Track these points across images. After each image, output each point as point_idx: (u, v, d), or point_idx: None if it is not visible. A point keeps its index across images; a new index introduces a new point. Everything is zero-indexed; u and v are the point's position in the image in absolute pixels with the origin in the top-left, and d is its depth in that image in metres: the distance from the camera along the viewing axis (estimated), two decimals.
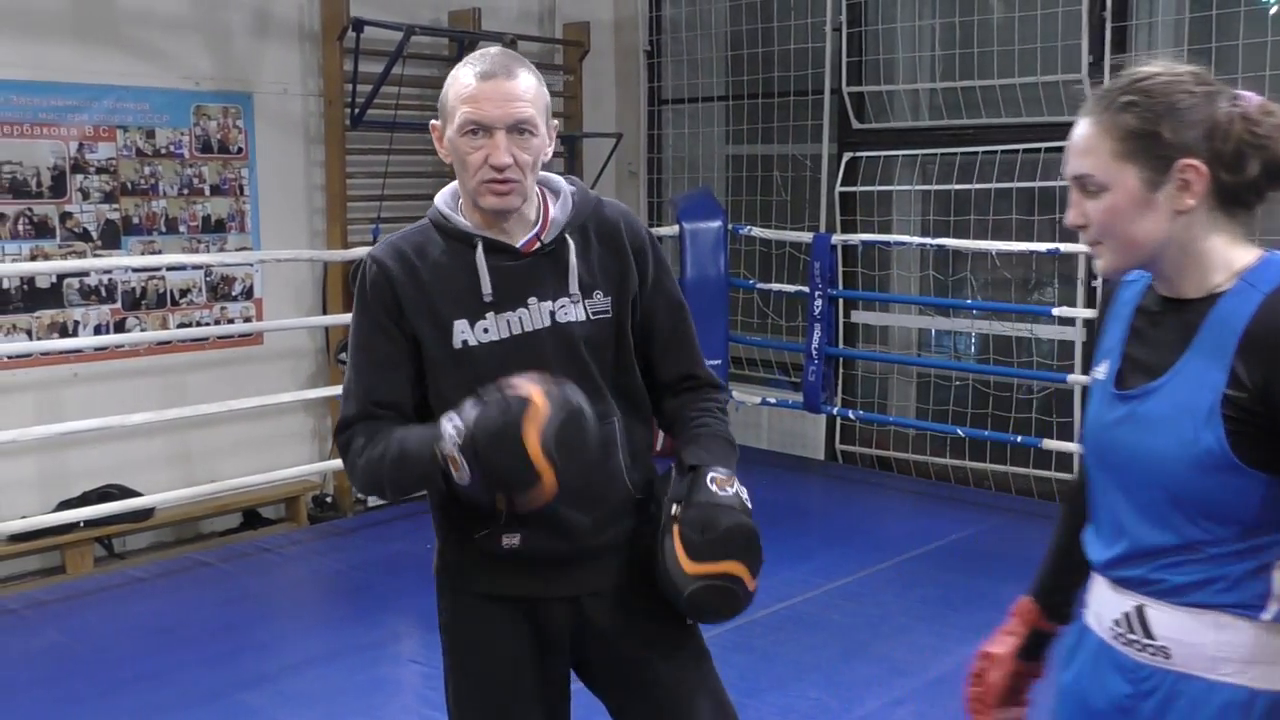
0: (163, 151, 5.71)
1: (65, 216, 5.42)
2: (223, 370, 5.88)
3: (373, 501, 6.37)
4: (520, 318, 2.02)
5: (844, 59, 6.65)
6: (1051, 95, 6.00)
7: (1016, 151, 6.08)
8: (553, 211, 2.07)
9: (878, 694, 3.79)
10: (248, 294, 6.05)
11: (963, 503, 6.05)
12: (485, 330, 2.01)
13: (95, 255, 5.47)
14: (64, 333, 5.43)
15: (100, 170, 5.50)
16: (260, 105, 6.02)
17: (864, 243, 6.58)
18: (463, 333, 2.01)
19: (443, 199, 2.10)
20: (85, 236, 5.48)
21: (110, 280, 5.56)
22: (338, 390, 6.04)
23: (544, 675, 2.11)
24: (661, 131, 7.68)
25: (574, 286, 2.04)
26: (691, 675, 2.16)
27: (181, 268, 5.71)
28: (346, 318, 5.94)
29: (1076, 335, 5.95)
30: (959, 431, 6.23)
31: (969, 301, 6.42)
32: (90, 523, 5.21)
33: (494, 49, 2.03)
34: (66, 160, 5.40)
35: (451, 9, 6.60)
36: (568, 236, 2.05)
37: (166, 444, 5.73)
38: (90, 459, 5.44)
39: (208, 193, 5.87)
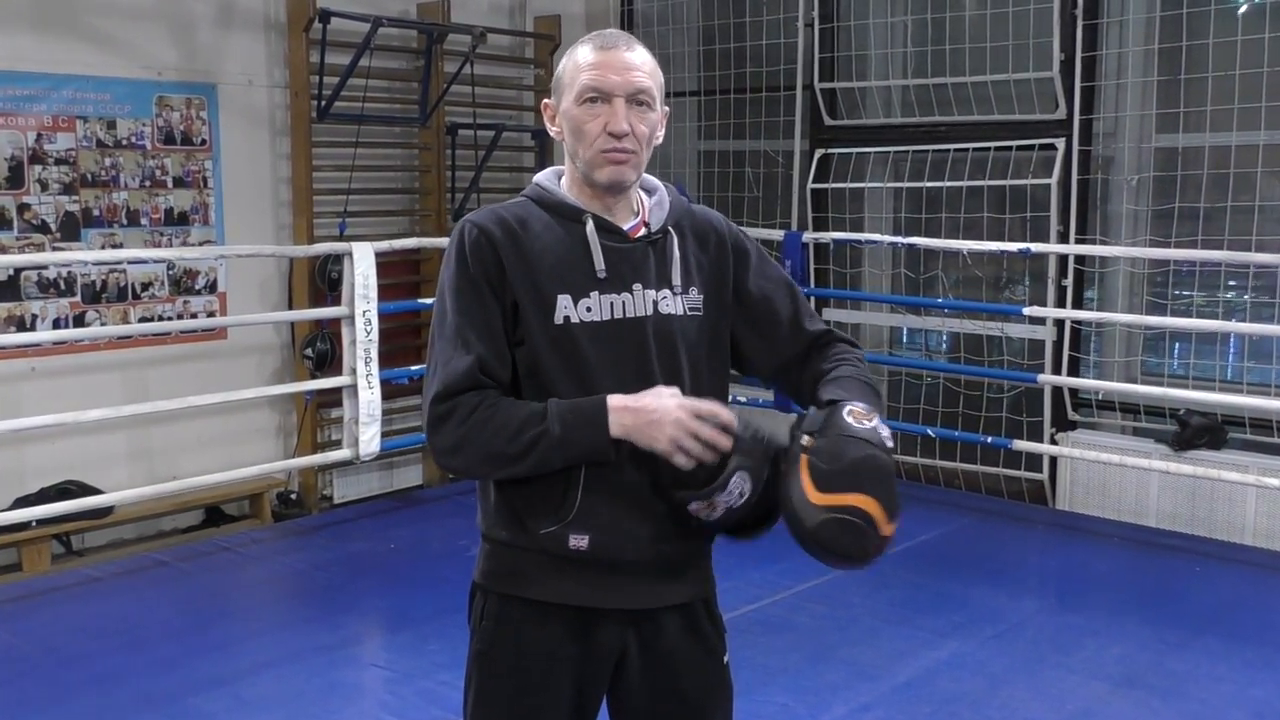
0: (124, 143, 5.60)
1: (23, 208, 5.31)
2: (185, 365, 5.79)
3: (338, 499, 6.29)
4: (624, 301, 1.95)
5: (816, 55, 6.61)
6: (1023, 93, 5.98)
7: (988, 149, 6.06)
8: (651, 205, 2.05)
9: (845, 699, 3.75)
10: (211, 288, 5.95)
11: (932, 503, 6.03)
12: (588, 309, 1.93)
13: (54, 248, 5.37)
14: (21, 326, 5.32)
15: (59, 161, 5.40)
16: (224, 96, 5.93)
17: (835, 240, 6.55)
18: (565, 309, 1.92)
19: (544, 177, 2.06)
20: (44, 229, 5.37)
21: (70, 273, 5.46)
22: (302, 386, 5.98)
23: (580, 699, 1.99)
24: None
25: (677, 279, 2.00)
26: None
27: (143, 262, 5.61)
28: (312, 313, 5.92)
29: (1047, 335, 5.93)
30: (929, 431, 6.20)
31: (940, 300, 6.40)
32: (48, 520, 5.11)
33: (612, 29, 2.03)
34: (24, 151, 5.29)
35: (420, 1, 6.52)
36: (671, 229, 2.03)
37: (127, 440, 5.64)
38: (48, 455, 5.35)
39: (170, 185, 5.77)
